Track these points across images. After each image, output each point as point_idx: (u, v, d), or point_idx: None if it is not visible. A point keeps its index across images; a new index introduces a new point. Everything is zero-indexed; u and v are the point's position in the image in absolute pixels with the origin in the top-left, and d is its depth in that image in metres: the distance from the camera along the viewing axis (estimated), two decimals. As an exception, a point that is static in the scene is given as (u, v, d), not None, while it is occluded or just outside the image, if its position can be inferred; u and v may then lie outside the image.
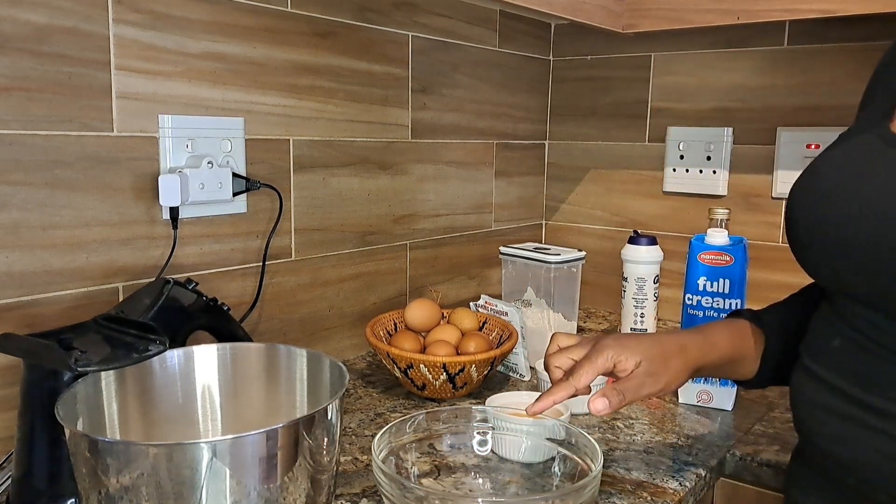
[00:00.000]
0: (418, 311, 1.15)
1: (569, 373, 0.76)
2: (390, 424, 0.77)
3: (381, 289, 1.31)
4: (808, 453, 0.74)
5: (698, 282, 1.04)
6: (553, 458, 0.80)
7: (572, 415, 0.99)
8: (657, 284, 1.25)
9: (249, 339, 0.95)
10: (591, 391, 0.75)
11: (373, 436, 0.89)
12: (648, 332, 1.25)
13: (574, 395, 0.75)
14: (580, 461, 0.75)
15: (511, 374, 1.19)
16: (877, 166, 0.61)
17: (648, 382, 0.74)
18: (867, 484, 0.64)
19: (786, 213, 0.69)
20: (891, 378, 0.61)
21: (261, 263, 1.09)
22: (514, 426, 0.82)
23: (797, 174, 0.70)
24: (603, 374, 0.76)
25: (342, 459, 0.88)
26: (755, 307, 1.03)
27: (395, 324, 1.18)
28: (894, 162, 0.60)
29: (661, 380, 0.75)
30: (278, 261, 1.13)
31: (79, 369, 0.67)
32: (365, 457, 0.89)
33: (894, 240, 0.57)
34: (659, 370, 0.75)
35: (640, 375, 0.74)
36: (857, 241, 0.60)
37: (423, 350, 1.08)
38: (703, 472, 0.88)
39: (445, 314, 1.18)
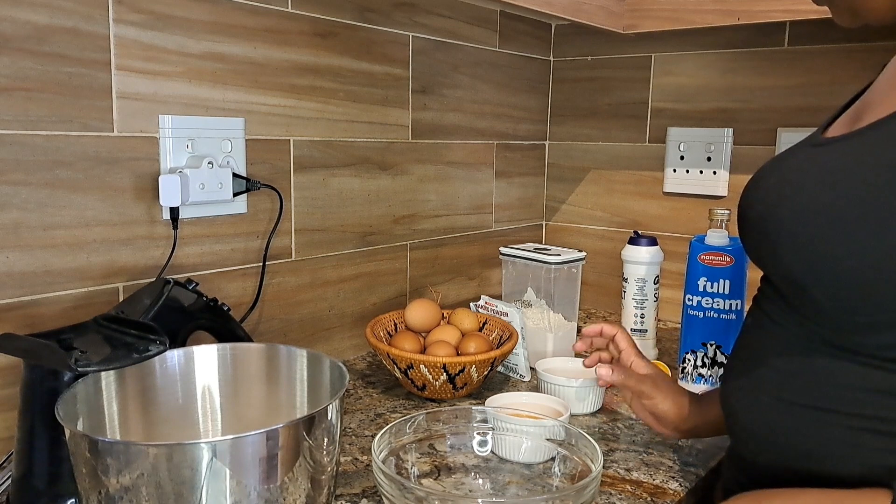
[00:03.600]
0: (418, 312, 1.15)
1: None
2: (390, 425, 0.77)
3: (381, 289, 1.31)
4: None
5: (698, 282, 1.04)
6: (553, 458, 0.80)
7: (572, 415, 0.99)
8: (657, 285, 1.25)
9: (249, 339, 0.95)
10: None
11: (373, 436, 0.89)
12: (649, 332, 1.26)
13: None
14: (580, 461, 0.75)
15: (511, 374, 1.19)
16: (789, 159, 0.68)
17: (642, 373, 0.89)
18: (752, 449, 0.69)
19: None
20: (770, 347, 0.67)
21: (261, 263, 1.09)
22: (514, 426, 0.83)
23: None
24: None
25: (342, 459, 0.88)
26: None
27: (395, 324, 1.18)
28: (804, 157, 0.66)
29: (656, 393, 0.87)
30: (278, 261, 1.13)
31: (79, 369, 0.67)
32: (365, 457, 0.89)
33: (771, 217, 0.64)
34: (652, 373, 0.90)
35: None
36: (756, 220, 0.67)
37: (423, 350, 1.08)
38: (703, 473, 0.88)
39: (445, 314, 1.18)
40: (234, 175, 1.02)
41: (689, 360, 1.07)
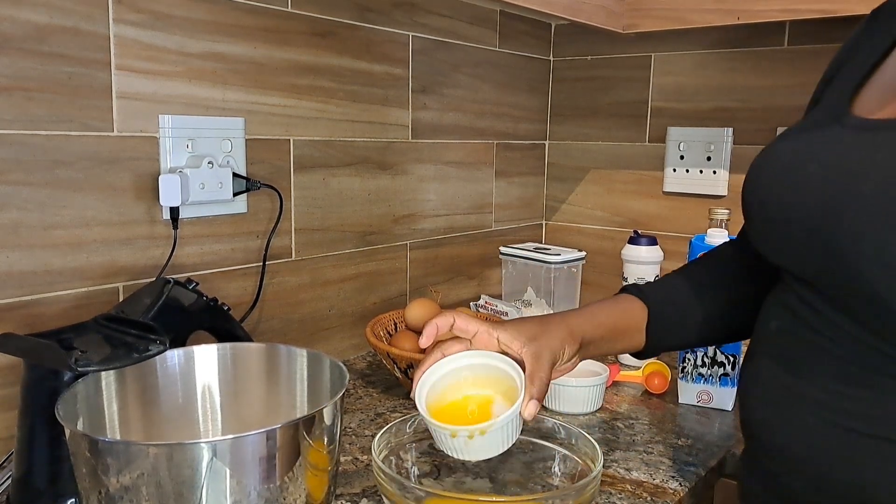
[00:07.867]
0: (418, 311, 1.15)
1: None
2: (390, 424, 0.77)
3: (381, 289, 1.31)
4: (746, 441, 0.73)
5: (698, 282, 1.04)
6: (553, 458, 0.80)
7: (572, 415, 0.99)
8: (657, 284, 1.25)
9: (249, 339, 0.95)
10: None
11: (373, 436, 0.89)
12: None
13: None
14: (580, 461, 0.75)
15: (511, 374, 1.18)
16: (827, 147, 0.60)
17: (540, 363, 0.70)
18: (787, 469, 0.63)
19: (742, 192, 0.68)
20: (818, 363, 0.60)
21: (261, 263, 1.09)
22: None
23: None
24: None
25: (342, 459, 0.88)
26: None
27: (395, 324, 1.18)
28: (845, 144, 0.59)
29: (546, 355, 0.71)
30: (278, 261, 1.13)
31: (79, 369, 0.67)
32: (365, 457, 0.89)
33: (833, 219, 0.56)
34: (542, 349, 0.71)
35: (531, 360, 0.70)
36: (800, 220, 0.59)
37: (423, 350, 1.08)
38: (703, 472, 0.88)
39: (445, 314, 1.18)
40: (234, 175, 1.02)
41: (689, 359, 1.07)
